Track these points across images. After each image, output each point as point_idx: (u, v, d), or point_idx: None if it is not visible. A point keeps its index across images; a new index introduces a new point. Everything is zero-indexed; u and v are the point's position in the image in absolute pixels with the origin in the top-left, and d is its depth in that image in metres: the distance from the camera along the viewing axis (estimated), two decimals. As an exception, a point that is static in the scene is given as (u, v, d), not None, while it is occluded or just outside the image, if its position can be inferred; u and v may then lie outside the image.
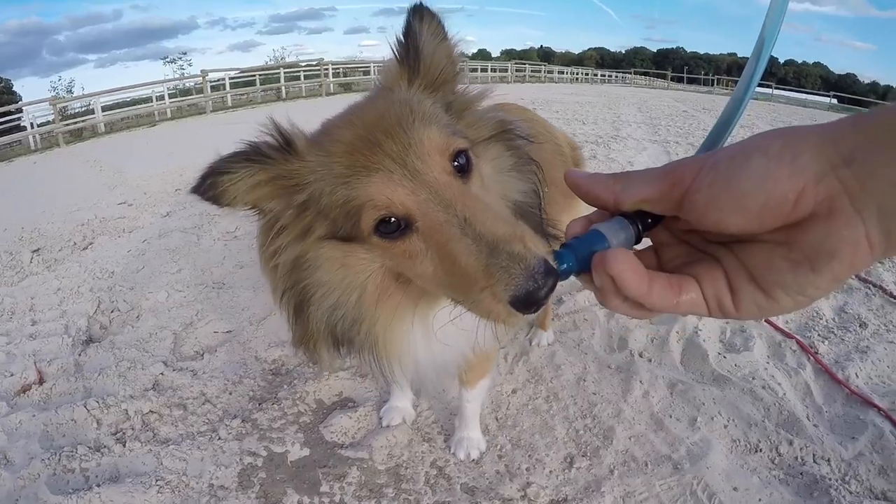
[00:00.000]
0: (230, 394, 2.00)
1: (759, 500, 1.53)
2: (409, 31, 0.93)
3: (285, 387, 2.02)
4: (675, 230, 0.58)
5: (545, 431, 1.79)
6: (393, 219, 0.78)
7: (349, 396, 1.98)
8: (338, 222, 0.83)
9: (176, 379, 2.08)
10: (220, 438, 1.76)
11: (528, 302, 0.63)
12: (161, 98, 17.43)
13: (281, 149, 0.85)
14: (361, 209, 0.79)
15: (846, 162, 0.41)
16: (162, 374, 2.11)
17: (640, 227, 0.57)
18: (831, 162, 0.42)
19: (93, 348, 2.37)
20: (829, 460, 1.65)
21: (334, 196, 0.82)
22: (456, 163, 0.82)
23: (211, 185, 0.81)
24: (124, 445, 1.74)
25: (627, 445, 1.72)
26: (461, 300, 0.74)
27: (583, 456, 1.68)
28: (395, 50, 0.96)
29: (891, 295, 2.73)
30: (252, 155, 0.83)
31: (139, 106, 17.70)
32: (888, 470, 1.62)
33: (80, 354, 2.33)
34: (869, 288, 2.83)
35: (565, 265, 0.58)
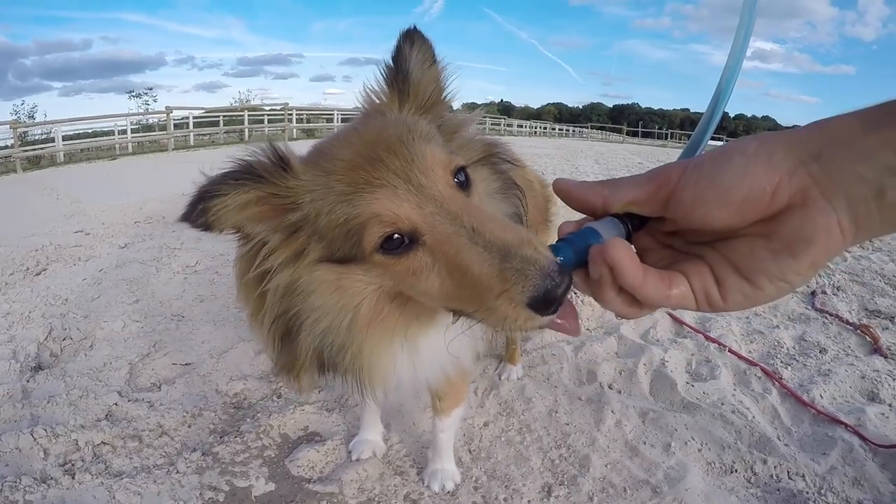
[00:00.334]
0: (189, 426, 1.90)
1: (740, 518, 1.54)
2: (399, 55, 0.95)
3: (248, 420, 1.93)
4: (657, 235, 0.61)
5: (520, 462, 1.75)
6: (397, 235, 0.77)
7: (316, 430, 1.91)
8: (335, 243, 0.81)
9: (131, 410, 1.96)
10: (178, 472, 1.66)
11: (548, 301, 0.63)
12: (123, 132, 17.13)
13: (274, 167, 0.82)
14: (364, 227, 0.77)
15: (814, 158, 0.47)
16: (116, 404, 1.99)
17: (629, 226, 0.59)
18: (801, 159, 0.47)
19: (42, 375, 2.23)
20: (803, 476, 1.68)
21: (334, 215, 0.80)
22: (456, 179, 0.83)
23: (202, 212, 0.77)
24: (73, 478, 1.62)
25: (604, 472, 1.70)
26: (472, 311, 0.73)
27: (560, 484, 1.65)
28: (384, 73, 0.97)
29: (847, 322, 2.86)
30: (243, 173, 0.80)
31: (101, 138, 17.41)
32: (861, 480, 1.67)
33: (28, 381, 2.19)
34: (825, 317, 2.96)
35: (562, 258, 0.60)
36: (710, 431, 1.87)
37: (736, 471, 1.72)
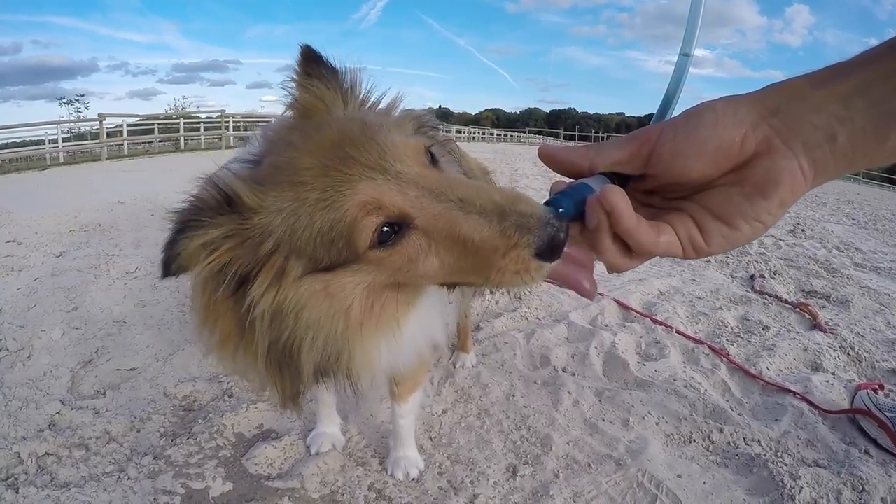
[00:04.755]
0: (138, 431, 1.80)
1: (704, 482, 1.59)
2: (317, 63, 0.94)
3: (200, 421, 1.85)
4: (637, 195, 0.65)
5: (482, 445, 1.75)
6: (386, 227, 0.73)
7: (271, 428, 1.85)
8: (318, 255, 0.76)
9: (75, 418, 1.84)
10: (129, 478, 1.57)
11: (553, 247, 0.64)
12: (54, 141, 16.11)
13: (224, 207, 0.76)
14: (353, 227, 0.73)
15: (773, 112, 0.53)
16: (59, 413, 1.87)
17: (616, 184, 0.62)
18: (761, 114, 0.54)
19: (-24, 389, 2.06)
20: (759, 441, 1.76)
21: (314, 226, 0.74)
22: (427, 160, 0.81)
23: (177, 270, 0.75)
24: (17, 492, 1.50)
25: (567, 450, 1.73)
26: (480, 279, 0.73)
27: (525, 464, 1.66)
28: (320, 75, 0.93)
29: (786, 302, 3.02)
30: (196, 219, 0.74)
31: (30, 148, 16.29)
32: (815, 441, 1.77)
33: (-40, 395, 2.01)
34: (765, 299, 3.13)
35: (562, 209, 0.63)
36: (665, 406, 1.94)
37: (694, 440, 1.79)
